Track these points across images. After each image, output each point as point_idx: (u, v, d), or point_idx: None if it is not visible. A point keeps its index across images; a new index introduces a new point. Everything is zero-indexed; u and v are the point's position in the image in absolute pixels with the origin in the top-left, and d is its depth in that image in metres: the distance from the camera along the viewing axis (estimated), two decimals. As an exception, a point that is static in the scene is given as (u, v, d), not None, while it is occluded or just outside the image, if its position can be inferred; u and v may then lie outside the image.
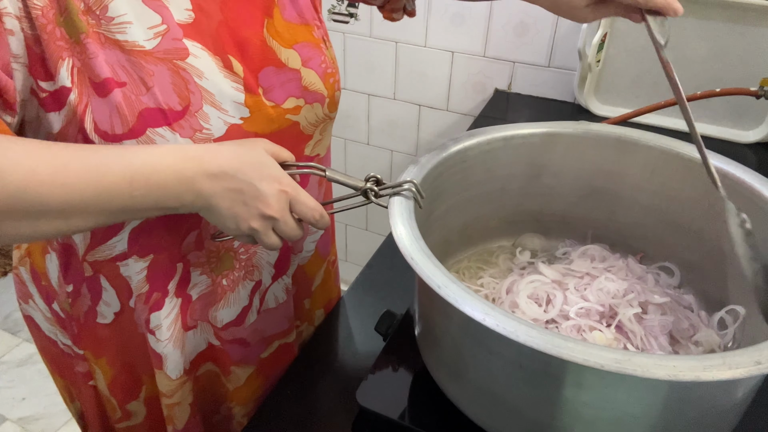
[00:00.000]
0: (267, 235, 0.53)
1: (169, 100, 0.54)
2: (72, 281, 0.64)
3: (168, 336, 0.66)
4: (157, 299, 0.64)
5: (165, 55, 0.54)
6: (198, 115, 0.56)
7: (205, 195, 0.50)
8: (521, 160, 0.68)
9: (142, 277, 0.63)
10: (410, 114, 1.59)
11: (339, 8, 1.52)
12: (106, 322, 0.66)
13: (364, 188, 0.56)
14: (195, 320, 0.68)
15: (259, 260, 0.70)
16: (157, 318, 0.64)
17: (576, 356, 0.39)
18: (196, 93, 0.55)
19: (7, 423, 1.65)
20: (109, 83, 0.52)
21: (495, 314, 0.42)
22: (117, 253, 0.61)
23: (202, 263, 0.65)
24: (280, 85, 0.62)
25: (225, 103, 0.57)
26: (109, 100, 0.52)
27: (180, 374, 0.69)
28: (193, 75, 0.55)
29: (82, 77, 0.51)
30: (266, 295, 0.73)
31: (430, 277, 0.46)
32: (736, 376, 0.38)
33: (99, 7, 0.51)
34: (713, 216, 0.63)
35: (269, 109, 0.61)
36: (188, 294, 0.66)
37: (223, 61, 0.57)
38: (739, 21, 1.10)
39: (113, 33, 0.51)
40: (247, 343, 0.73)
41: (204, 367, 0.73)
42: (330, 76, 0.67)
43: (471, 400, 0.54)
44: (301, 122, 0.65)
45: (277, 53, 0.62)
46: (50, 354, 0.75)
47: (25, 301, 0.72)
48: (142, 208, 0.50)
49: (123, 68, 0.52)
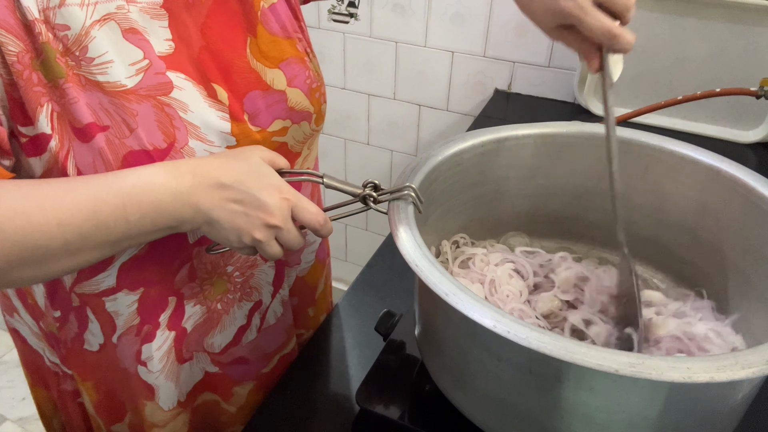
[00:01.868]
0: (270, 245, 0.52)
1: (154, 139, 0.52)
2: (59, 308, 0.63)
3: (160, 368, 0.64)
4: (148, 331, 0.63)
5: (148, 92, 0.52)
6: (184, 151, 0.54)
7: (204, 208, 0.49)
8: (515, 162, 0.68)
9: (133, 309, 0.61)
10: (410, 114, 1.58)
11: (339, 8, 1.52)
12: (92, 350, 0.64)
13: (363, 194, 0.55)
14: (190, 352, 0.67)
15: (258, 281, 0.69)
16: (148, 349, 0.63)
17: (589, 361, 0.39)
18: (181, 128, 0.54)
19: (7, 423, 1.65)
20: (91, 128, 0.50)
21: (505, 321, 0.42)
22: (104, 288, 0.59)
23: (195, 293, 0.64)
24: (266, 108, 0.61)
25: (211, 134, 0.56)
26: (91, 145, 0.50)
27: (173, 405, 0.68)
28: (177, 110, 0.54)
29: (63, 123, 0.50)
30: (267, 314, 0.72)
31: (437, 284, 0.45)
32: (749, 376, 0.38)
33: (78, 48, 0.49)
34: (707, 214, 0.63)
35: (255, 134, 0.60)
36: (183, 327, 0.65)
37: (207, 90, 0.56)
38: (739, 21, 1.10)
39: (94, 74, 0.50)
40: (247, 361, 0.72)
41: (201, 398, 0.72)
42: (315, 91, 0.65)
43: (478, 407, 0.53)
44: (288, 142, 0.64)
45: (262, 75, 0.60)
46: (35, 367, 0.73)
47: (9, 314, 0.70)
48: (143, 231, 0.48)
49: (105, 111, 0.50)
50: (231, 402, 0.73)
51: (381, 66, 1.55)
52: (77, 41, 0.49)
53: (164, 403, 0.67)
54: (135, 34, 0.51)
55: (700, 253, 0.65)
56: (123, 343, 0.63)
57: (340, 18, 1.53)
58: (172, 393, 0.67)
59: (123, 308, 0.61)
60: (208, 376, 0.70)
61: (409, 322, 0.70)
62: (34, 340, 0.70)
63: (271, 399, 0.68)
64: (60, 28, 0.48)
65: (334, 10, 1.53)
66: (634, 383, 0.42)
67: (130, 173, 0.48)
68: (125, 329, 0.62)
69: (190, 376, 0.69)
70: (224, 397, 0.73)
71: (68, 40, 0.48)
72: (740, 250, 0.61)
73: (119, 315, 0.61)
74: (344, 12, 1.52)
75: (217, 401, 0.73)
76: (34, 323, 0.68)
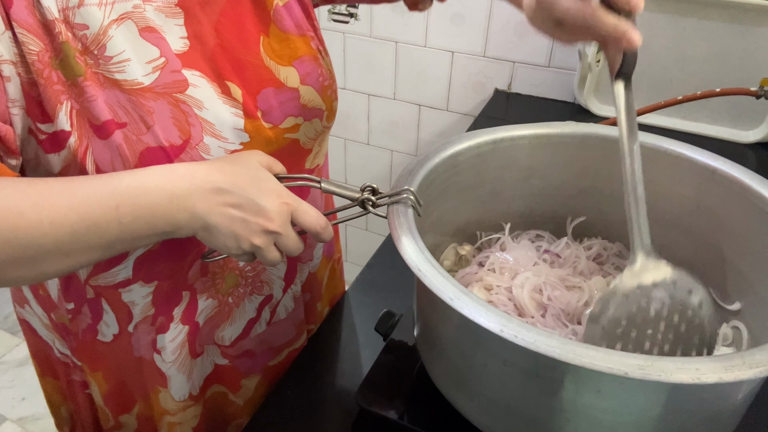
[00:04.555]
0: (269, 251, 0.51)
1: (170, 136, 0.53)
2: (72, 300, 0.63)
3: (173, 359, 0.65)
4: (162, 323, 0.63)
5: (164, 89, 0.53)
6: (199, 148, 0.55)
7: (200, 213, 0.48)
8: (510, 163, 0.69)
9: (148, 301, 0.62)
10: (410, 114, 1.59)
11: (339, 8, 1.52)
12: (105, 340, 0.65)
13: (361, 198, 0.54)
14: (202, 346, 0.68)
15: (269, 276, 0.69)
16: (162, 340, 0.64)
17: (599, 364, 0.39)
18: (196, 125, 0.54)
19: (7, 423, 1.65)
20: (109, 125, 0.50)
21: (512, 325, 0.42)
22: (120, 280, 0.60)
23: (208, 287, 0.64)
24: (279, 106, 0.61)
25: (225, 131, 0.56)
26: (110, 142, 0.51)
27: (185, 397, 0.68)
28: (193, 107, 0.54)
29: (82, 120, 0.50)
30: (277, 308, 0.72)
31: (441, 289, 0.45)
32: (757, 375, 0.38)
33: (97, 47, 0.49)
34: (703, 213, 0.63)
35: (268, 131, 0.60)
36: (196, 321, 0.65)
37: (221, 87, 0.56)
38: (739, 21, 1.10)
39: (112, 72, 0.50)
40: (254, 354, 0.73)
41: (211, 390, 0.72)
42: (327, 89, 0.66)
43: (481, 411, 0.53)
44: (300, 139, 0.64)
45: (275, 73, 0.61)
46: (44, 357, 0.74)
47: (20, 305, 0.71)
48: (137, 235, 0.47)
49: (123, 108, 0.51)
50: (239, 395, 0.74)
51: (381, 66, 1.55)
52: (95, 40, 0.49)
53: (176, 393, 0.67)
54: (152, 32, 0.52)
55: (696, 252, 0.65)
56: (139, 331, 0.64)
57: (340, 18, 1.53)
58: (184, 385, 0.68)
59: (139, 299, 0.62)
60: (218, 368, 0.71)
61: (409, 322, 0.70)
62: (44, 331, 0.71)
63: (271, 399, 0.68)
64: (79, 28, 0.49)
65: (334, 9, 1.53)
66: (642, 385, 0.42)
67: (126, 175, 0.48)
68: (141, 318, 0.63)
69: (202, 369, 0.69)
70: (233, 390, 0.73)
71: (87, 40, 0.49)
72: (737, 249, 0.61)
73: (135, 305, 0.62)
74: (344, 12, 1.52)
75: (225, 393, 0.73)
76: (45, 315, 0.68)
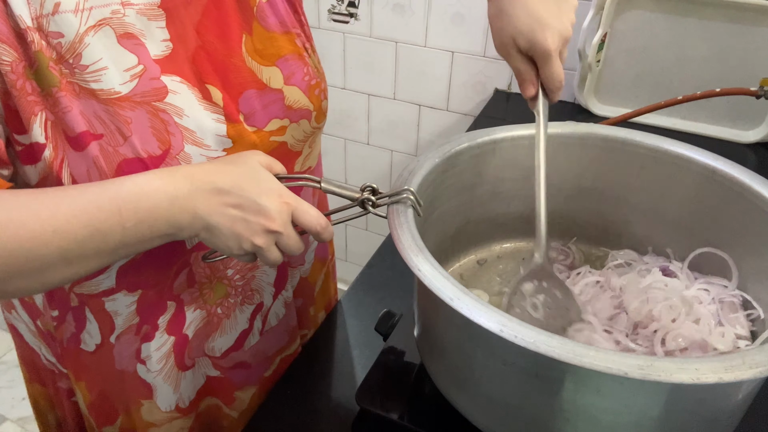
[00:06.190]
0: (270, 251, 0.51)
1: (148, 146, 0.52)
2: (57, 308, 0.62)
3: (158, 369, 0.64)
4: (147, 331, 0.62)
5: (143, 98, 0.51)
6: (179, 157, 0.53)
7: (202, 214, 0.48)
8: (510, 163, 0.69)
9: (132, 310, 0.61)
10: (410, 114, 1.58)
11: (339, 8, 1.52)
12: (89, 350, 0.64)
13: (361, 198, 0.54)
14: (192, 359, 0.67)
15: (259, 283, 0.68)
16: (147, 348, 0.63)
17: (598, 365, 0.39)
18: (176, 134, 0.53)
19: (7, 423, 1.65)
20: (84, 137, 0.49)
21: (512, 325, 0.42)
22: (103, 289, 0.59)
23: (195, 298, 0.64)
24: (262, 108, 0.60)
25: (207, 138, 0.55)
26: (85, 154, 0.50)
27: (171, 408, 0.67)
28: (173, 115, 0.53)
29: (57, 131, 0.49)
30: (268, 316, 0.72)
31: (441, 289, 0.45)
32: (756, 375, 0.38)
33: (72, 55, 0.48)
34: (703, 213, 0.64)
35: (252, 135, 0.59)
36: (184, 334, 0.64)
37: (201, 92, 0.55)
38: (739, 21, 1.10)
39: (88, 82, 0.49)
40: (249, 365, 0.72)
41: (204, 403, 0.72)
42: (315, 88, 0.64)
43: (481, 411, 0.53)
44: (288, 141, 0.63)
45: (258, 74, 0.59)
46: (31, 363, 0.74)
47: (7, 310, 0.70)
48: (140, 239, 0.47)
49: (99, 119, 0.50)
50: (233, 407, 0.73)
51: (381, 66, 1.55)
52: (71, 48, 0.48)
53: (162, 403, 0.67)
54: (130, 38, 0.51)
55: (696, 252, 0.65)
56: (122, 341, 0.63)
57: (340, 18, 1.53)
58: (170, 396, 0.67)
59: (122, 308, 0.61)
60: (210, 380, 0.70)
61: (409, 322, 0.70)
62: (30, 337, 0.70)
63: (271, 399, 0.68)
64: (53, 36, 0.47)
65: (334, 9, 1.53)
66: (642, 385, 0.42)
67: (126, 180, 0.47)
68: (124, 328, 0.62)
69: (193, 382, 0.68)
70: (226, 402, 0.72)
71: (62, 48, 0.47)
72: (737, 249, 0.61)
73: (118, 315, 0.61)
74: (344, 12, 1.52)
75: (219, 406, 0.73)
76: (31, 321, 0.67)
